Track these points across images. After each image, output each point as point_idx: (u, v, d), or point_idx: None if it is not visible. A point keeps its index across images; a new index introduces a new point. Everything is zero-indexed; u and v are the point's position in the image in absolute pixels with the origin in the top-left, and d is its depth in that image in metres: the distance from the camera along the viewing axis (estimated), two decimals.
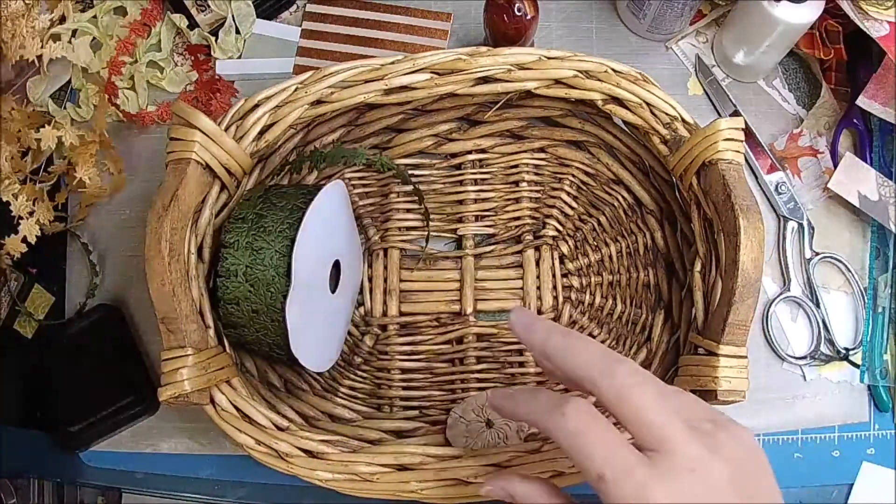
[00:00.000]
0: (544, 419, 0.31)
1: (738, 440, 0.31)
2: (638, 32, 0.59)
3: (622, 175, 0.54)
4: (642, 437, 0.30)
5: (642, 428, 0.30)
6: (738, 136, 0.45)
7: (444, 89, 0.47)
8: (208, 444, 0.54)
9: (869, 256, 0.57)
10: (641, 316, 0.54)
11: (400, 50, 0.59)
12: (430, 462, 0.43)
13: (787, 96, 0.59)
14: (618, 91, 0.47)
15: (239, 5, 0.58)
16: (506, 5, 0.51)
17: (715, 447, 0.30)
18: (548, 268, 0.55)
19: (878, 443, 0.54)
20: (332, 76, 0.46)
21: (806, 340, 0.56)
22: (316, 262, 0.46)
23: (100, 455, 0.54)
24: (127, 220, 0.57)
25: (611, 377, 0.31)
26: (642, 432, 0.30)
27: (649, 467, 0.29)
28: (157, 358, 0.54)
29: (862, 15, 0.52)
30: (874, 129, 0.58)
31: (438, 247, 0.57)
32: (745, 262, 0.42)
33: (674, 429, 0.30)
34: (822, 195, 0.57)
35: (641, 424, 0.30)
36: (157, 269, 0.40)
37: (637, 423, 0.30)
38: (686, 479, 0.29)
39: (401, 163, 0.56)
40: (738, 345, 0.42)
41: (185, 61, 0.59)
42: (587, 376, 0.31)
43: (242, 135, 0.45)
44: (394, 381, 0.54)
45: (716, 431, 0.31)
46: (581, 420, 0.30)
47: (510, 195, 0.57)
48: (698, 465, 0.29)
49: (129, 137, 0.58)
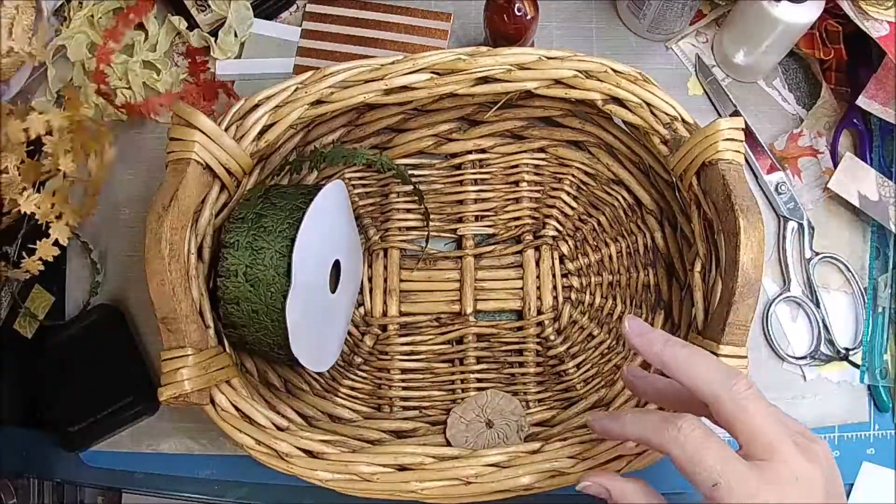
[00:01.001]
0: (658, 435, 0.34)
1: (826, 452, 0.34)
2: (638, 32, 0.59)
3: (622, 175, 0.54)
4: (754, 447, 0.33)
5: (756, 438, 0.33)
6: (738, 136, 0.45)
7: (444, 89, 0.47)
8: (208, 444, 0.54)
9: (869, 256, 0.57)
10: (641, 316, 0.53)
11: (400, 50, 0.59)
12: (430, 462, 0.43)
13: (787, 96, 0.59)
14: (618, 91, 0.47)
15: (238, 6, 0.58)
16: (506, 5, 0.51)
17: (813, 458, 0.33)
18: (548, 268, 0.55)
19: (878, 443, 0.54)
20: (332, 76, 0.46)
21: (806, 340, 0.56)
22: (316, 261, 0.46)
23: (100, 455, 0.54)
24: (127, 220, 0.57)
25: (731, 388, 0.33)
26: (756, 442, 0.33)
27: (760, 475, 0.32)
28: (157, 358, 0.54)
29: (862, 15, 0.52)
30: (874, 129, 0.58)
31: (438, 247, 0.57)
32: (745, 262, 0.42)
33: (783, 441, 0.33)
34: (822, 195, 0.57)
35: (756, 435, 0.33)
36: (157, 269, 0.40)
37: (752, 433, 0.33)
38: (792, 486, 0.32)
39: (401, 163, 0.56)
40: (738, 345, 0.42)
41: (183, 61, 0.59)
42: (708, 385, 0.34)
43: (242, 135, 0.45)
44: (394, 381, 0.54)
45: (810, 444, 0.34)
46: (696, 434, 0.33)
47: (510, 195, 0.57)
48: (802, 474, 0.32)
49: (129, 138, 0.58)
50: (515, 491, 0.43)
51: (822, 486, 0.33)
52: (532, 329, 0.55)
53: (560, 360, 0.54)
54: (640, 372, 0.42)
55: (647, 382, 0.41)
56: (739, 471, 0.32)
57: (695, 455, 0.32)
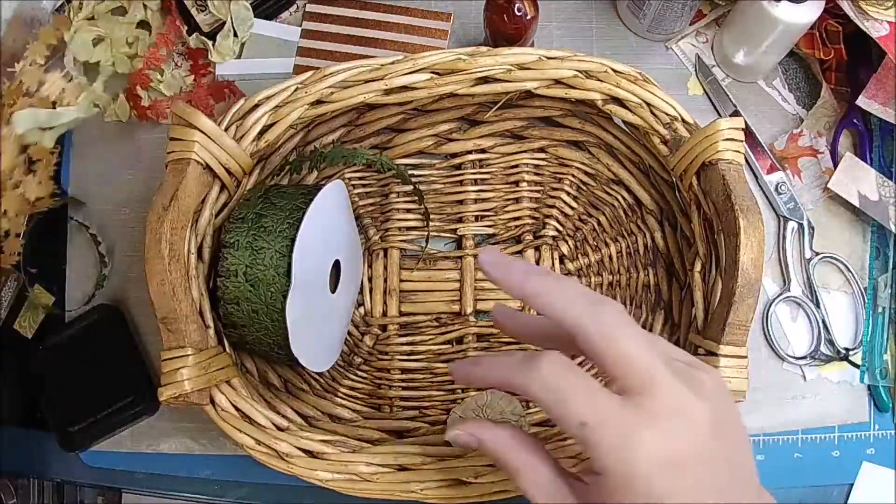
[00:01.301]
0: (518, 377, 0.30)
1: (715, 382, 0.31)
2: (638, 32, 0.59)
3: (622, 175, 0.54)
4: (627, 380, 0.29)
5: (628, 369, 0.29)
6: (738, 136, 0.45)
7: (444, 89, 0.47)
8: (208, 444, 0.54)
9: (869, 256, 0.57)
10: (641, 316, 0.54)
11: (400, 50, 0.59)
12: (430, 462, 0.43)
13: (787, 96, 0.59)
14: (618, 91, 0.47)
15: (238, 8, 0.58)
16: (506, 5, 0.51)
17: (696, 388, 0.30)
18: (548, 268, 0.55)
19: (878, 443, 0.54)
20: (332, 76, 0.46)
21: (806, 340, 0.56)
22: (316, 262, 0.46)
23: (100, 455, 0.54)
24: (127, 220, 0.57)
25: (597, 317, 0.30)
26: (628, 374, 0.29)
27: (634, 410, 0.29)
28: (157, 358, 0.54)
29: (862, 15, 0.52)
30: (874, 129, 0.58)
31: (438, 247, 0.57)
32: (745, 262, 0.42)
33: (659, 371, 0.29)
34: (822, 195, 0.57)
35: (627, 366, 0.29)
36: (157, 269, 0.40)
37: (623, 364, 0.29)
38: (672, 420, 0.29)
39: (401, 163, 0.56)
40: (738, 345, 0.42)
41: (184, 62, 0.59)
42: (571, 316, 0.30)
43: (242, 135, 0.45)
44: (394, 381, 0.54)
45: (695, 373, 0.30)
46: (557, 371, 0.29)
47: (510, 195, 0.57)
48: (682, 407, 0.29)
49: (130, 138, 0.58)
50: (515, 491, 0.43)
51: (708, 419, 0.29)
52: None
53: None
54: (509, 310, 0.39)
55: (516, 321, 0.38)
56: (609, 407, 0.29)
57: (558, 393, 0.29)
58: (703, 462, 0.29)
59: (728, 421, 0.31)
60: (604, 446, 0.28)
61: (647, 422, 0.28)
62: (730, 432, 0.30)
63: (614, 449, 0.28)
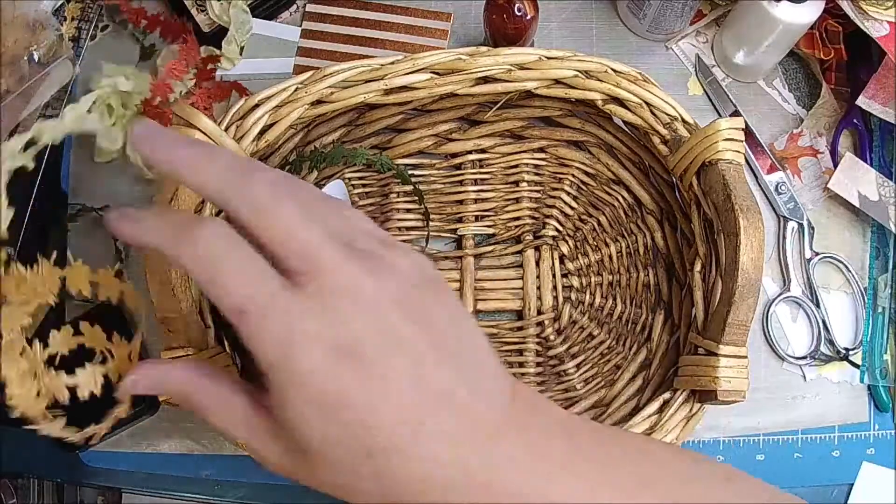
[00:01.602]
0: (174, 246, 0.26)
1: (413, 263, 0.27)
2: (638, 32, 0.59)
3: (622, 175, 0.54)
4: (288, 259, 0.25)
5: (288, 246, 0.25)
6: (738, 136, 0.45)
7: (444, 89, 0.47)
8: (208, 444, 0.54)
9: (869, 256, 0.57)
10: (641, 316, 0.54)
11: (400, 50, 0.59)
12: None
13: (787, 96, 0.59)
14: (618, 91, 0.47)
15: (236, 12, 0.58)
16: (506, 5, 0.51)
17: (377, 269, 0.26)
18: (548, 268, 0.55)
19: (878, 443, 0.54)
20: (332, 76, 0.46)
21: (806, 340, 0.56)
22: None
23: (100, 455, 0.54)
24: None
25: (249, 188, 0.26)
26: (288, 252, 0.25)
27: (295, 292, 0.25)
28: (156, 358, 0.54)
29: (862, 15, 0.52)
30: (874, 129, 0.58)
31: (438, 247, 0.57)
32: (745, 262, 0.42)
33: (325, 246, 0.25)
34: (822, 195, 0.57)
35: (287, 242, 0.25)
36: (157, 269, 0.40)
37: (281, 241, 0.25)
38: (338, 301, 0.25)
39: (401, 163, 0.56)
40: (738, 345, 0.42)
41: None
42: (218, 191, 0.26)
43: (242, 135, 0.45)
44: None
45: (386, 253, 0.27)
46: (215, 245, 0.25)
47: (510, 195, 0.57)
48: (352, 285, 0.25)
49: None
50: None
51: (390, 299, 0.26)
52: (532, 329, 0.55)
53: (560, 360, 0.54)
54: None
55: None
56: (270, 291, 0.25)
57: (215, 274, 0.25)
58: (386, 347, 0.25)
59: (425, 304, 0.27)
60: (266, 341, 0.25)
61: (311, 308, 0.25)
62: (431, 318, 0.27)
63: (278, 343, 0.25)
